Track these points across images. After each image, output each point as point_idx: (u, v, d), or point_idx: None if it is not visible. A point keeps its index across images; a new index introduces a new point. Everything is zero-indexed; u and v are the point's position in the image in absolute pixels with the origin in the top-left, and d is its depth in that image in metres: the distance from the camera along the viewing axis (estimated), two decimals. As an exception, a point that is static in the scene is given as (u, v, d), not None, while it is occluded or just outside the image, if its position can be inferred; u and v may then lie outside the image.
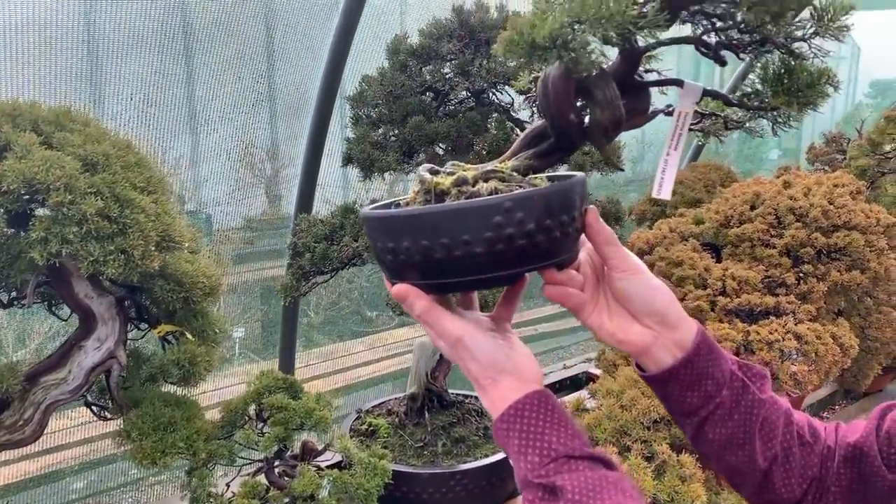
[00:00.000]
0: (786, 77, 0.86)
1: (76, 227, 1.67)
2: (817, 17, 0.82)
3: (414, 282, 0.91)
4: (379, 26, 3.43)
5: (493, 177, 0.93)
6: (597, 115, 0.91)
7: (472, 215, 0.83)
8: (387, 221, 0.89)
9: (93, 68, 2.57)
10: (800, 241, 2.75)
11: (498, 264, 0.86)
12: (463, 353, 0.93)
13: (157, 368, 2.10)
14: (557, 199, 0.87)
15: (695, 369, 0.99)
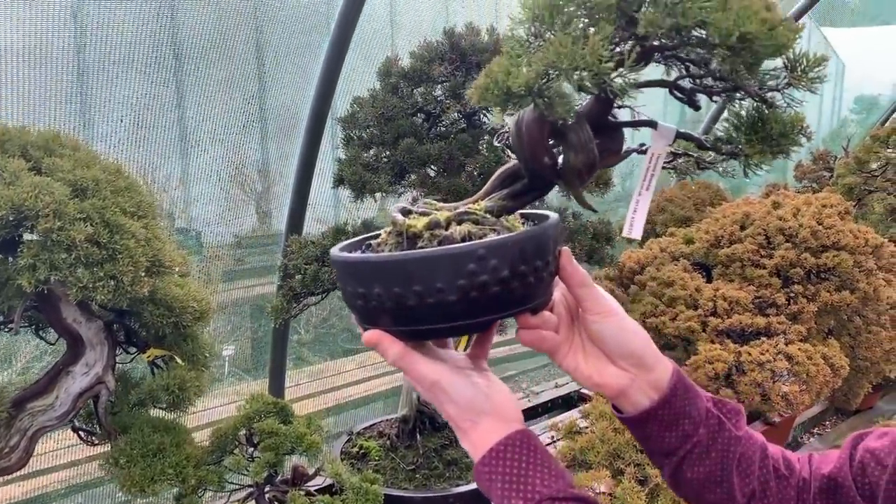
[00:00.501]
0: (759, 125, 0.86)
1: (65, 253, 1.66)
2: (791, 67, 0.82)
3: (386, 328, 0.89)
4: (369, 48, 3.45)
5: (467, 219, 0.91)
6: (571, 158, 0.91)
7: (445, 263, 0.82)
8: (357, 266, 0.87)
9: (82, 91, 2.56)
10: (789, 262, 2.77)
11: (472, 312, 0.85)
12: (441, 396, 0.91)
13: (147, 394, 2.07)
14: (532, 244, 0.86)
15: (672, 409, 0.98)
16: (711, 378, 2.48)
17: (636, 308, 2.80)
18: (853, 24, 12.70)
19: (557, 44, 0.78)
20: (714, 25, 0.75)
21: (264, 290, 4.36)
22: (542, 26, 0.84)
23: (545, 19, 0.83)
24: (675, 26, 0.77)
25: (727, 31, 0.74)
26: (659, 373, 0.98)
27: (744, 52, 0.76)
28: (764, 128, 0.87)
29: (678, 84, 0.92)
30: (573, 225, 2.67)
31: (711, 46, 0.78)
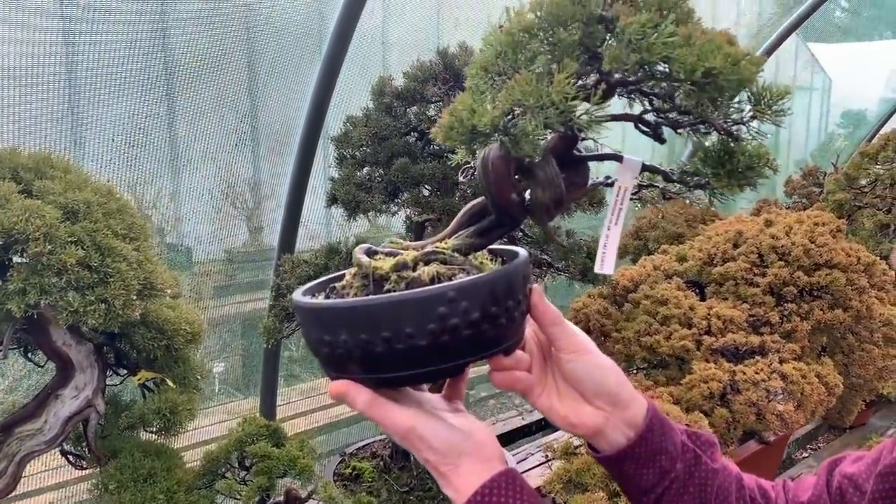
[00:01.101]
0: (726, 158, 0.86)
1: (56, 277, 1.64)
2: (755, 100, 0.82)
3: (354, 376, 0.85)
4: (361, 65, 3.45)
5: (434, 259, 0.88)
6: (538, 194, 0.90)
7: (413, 307, 0.79)
8: (321, 313, 0.83)
9: (73, 111, 2.55)
10: (783, 280, 2.77)
11: (443, 356, 0.82)
12: (417, 443, 0.86)
13: (137, 417, 2.05)
14: (502, 284, 0.84)
15: (649, 446, 0.96)
16: (706, 397, 2.48)
17: (630, 326, 2.80)
18: (840, 40, 12.84)
19: (523, 81, 0.77)
20: (678, 61, 0.75)
21: (255, 305, 4.32)
22: (504, 63, 0.83)
23: (508, 55, 0.82)
24: (640, 62, 0.78)
25: (691, 66, 0.75)
26: (634, 410, 0.97)
27: (708, 87, 0.77)
28: (731, 161, 0.87)
29: (643, 118, 0.92)
30: (567, 244, 2.67)
31: (676, 81, 0.79)
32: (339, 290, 0.91)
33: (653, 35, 0.74)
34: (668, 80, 0.79)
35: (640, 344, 2.73)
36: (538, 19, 0.79)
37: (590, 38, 0.79)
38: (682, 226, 4.20)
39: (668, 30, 0.74)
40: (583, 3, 0.78)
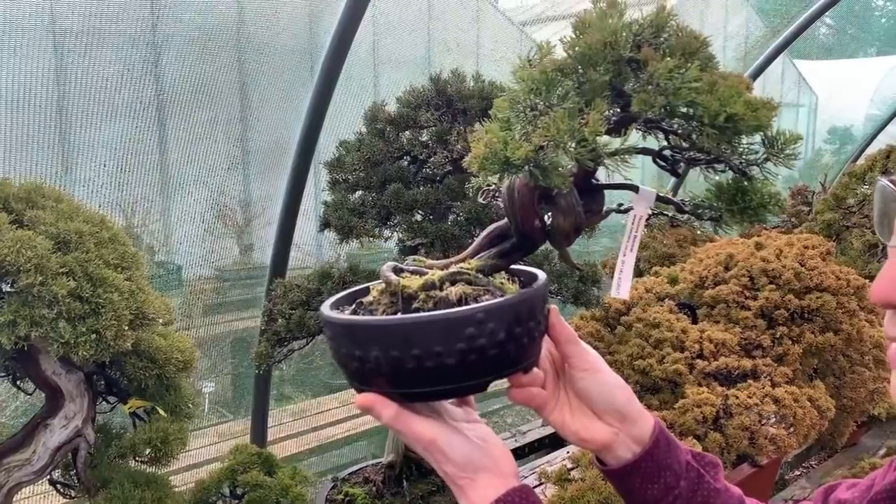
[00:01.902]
0: (739, 196, 0.91)
1: (47, 308, 1.63)
2: (769, 144, 0.87)
3: (380, 390, 0.88)
4: (351, 91, 3.46)
5: (460, 279, 0.92)
6: (559, 221, 0.94)
7: (445, 327, 0.82)
8: (354, 329, 0.86)
9: (64, 136, 2.54)
10: (774, 303, 2.79)
11: (469, 374, 0.85)
12: (437, 455, 0.90)
13: (128, 447, 2.02)
14: (526, 306, 0.88)
15: (655, 462, 1.00)
16: (700, 422, 2.48)
17: (623, 350, 2.80)
18: (826, 58, 13.01)
19: (558, 119, 0.80)
20: (702, 106, 0.80)
21: (246, 324, 4.30)
22: (537, 99, 0.86)
23: (542, 92, 0.86)
24: (667, 105, 0.81)
25: (715, 111, 0.79)
26: (642, 426, 1.00)
27: (728, 131, 0.81)
28: (744, 198, 0.91)
29: (661, 153, 0.97)
30: (560, 268, 2.67)
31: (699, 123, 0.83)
32: (366, 306, 0.93)
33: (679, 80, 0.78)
34: (691, 120, 0.83)
35: (633, 367, 2.73)
36: (571, 59, 0.83)
37: (618, 79, 0.83)
38: (673, 246, 4.23)
39: (693, 75, 0.78)
40: (613, 45, 0.82)
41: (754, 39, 6.00)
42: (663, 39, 0.86)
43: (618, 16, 0.86)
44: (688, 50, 0.84)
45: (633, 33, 0.85)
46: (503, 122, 0.89)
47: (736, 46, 6.17)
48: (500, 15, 5.41)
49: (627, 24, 0.85)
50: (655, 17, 0.86)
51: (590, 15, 0.87)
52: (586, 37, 0.83)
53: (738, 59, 5.95)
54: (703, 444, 2.44)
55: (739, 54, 6.05)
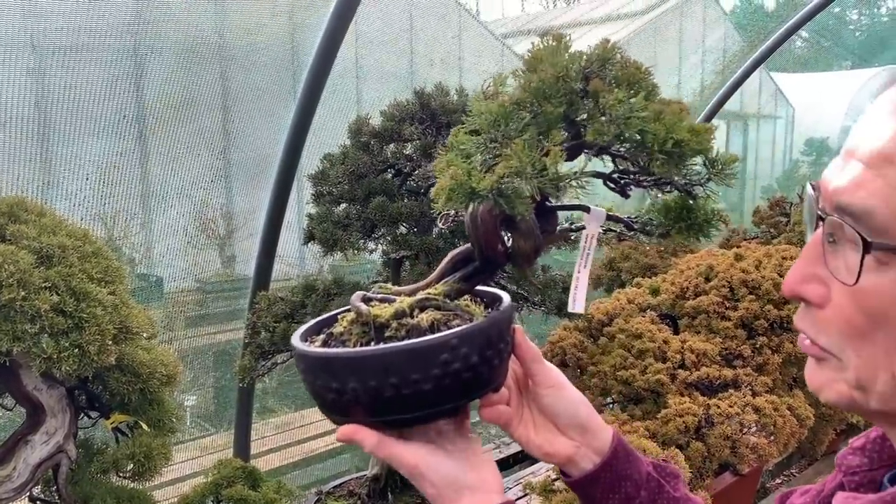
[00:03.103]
0: (685, 214, 0.98)
1: (29, 323, 1.62)
2: (710, 165, 0.94)
3: (359, 420, 0.90)
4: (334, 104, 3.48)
5: (429, 305, 0.95)
6: (521, 244, 0.98)
7: (421, 354, 0.85)
8: (330, 362, 0.88)
9: (45, 148, 2.53)
10: (753, 314, 2.83)
11: (444, 398, 0.88)
12: (421, 480, 0.92)
13: (110, 462, 2.00)
14: (496, 329, 0.91)
15: (614, 472, 1.03)
16: (682, 431, 2.50)
17: (606, 360, 2.82)
18: (801, 70, 13.23)
19: (520, 151, 0.86)
20: (651, 133, 0.87)
21: (228, 336, 4.28)
22: (497, 131, 0.92)
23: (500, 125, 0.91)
24: (619, 134, 0.89)
25: (663, 138, 0.87)
26: (601, 438, 1.04)
27: (675, 155, 0.89)
28: (689, 215, 0.99)
29: (612, 176, 1.04)
30: (543, 279, 2.69)
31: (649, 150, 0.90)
32: (337, 337, 0.95)
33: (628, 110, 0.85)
34: (640, 147, 0.90)
35: (616, 378, 2.75)
36: (527, 93, 0.89)
37: (571, 109, 0.90)
38: (655, 257, 4.27)
39: (640, 104, 0.85)
40: (565, 79, 0.89)
41: (732, 53, 6.10)
42: (609, 71, 0.93)
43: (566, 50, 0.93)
44: (632, 80, 0.91)
45: (581, 66, 0.92)
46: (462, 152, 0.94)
47: (715, 60, 6.27)
48: (481, 28, 5.47)
49: (577, 58, 0.92)
50: (602, 51, 0.92)
51: (540, 51, 0.94)
52: (540, 73, 0.89)
53: (716, 73, 6.05)
54: (686, 453, 2.46)
55: (718, 68, 6.16)
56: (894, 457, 0.82)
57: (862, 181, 0.68)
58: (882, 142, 0.68)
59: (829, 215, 0.71)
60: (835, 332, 0.72)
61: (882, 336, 0.68)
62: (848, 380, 0.72)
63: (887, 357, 0.69)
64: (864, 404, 0.72)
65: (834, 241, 0.71)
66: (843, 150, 0.73)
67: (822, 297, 0.73)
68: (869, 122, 0.71)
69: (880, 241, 0.66)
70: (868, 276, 0.67)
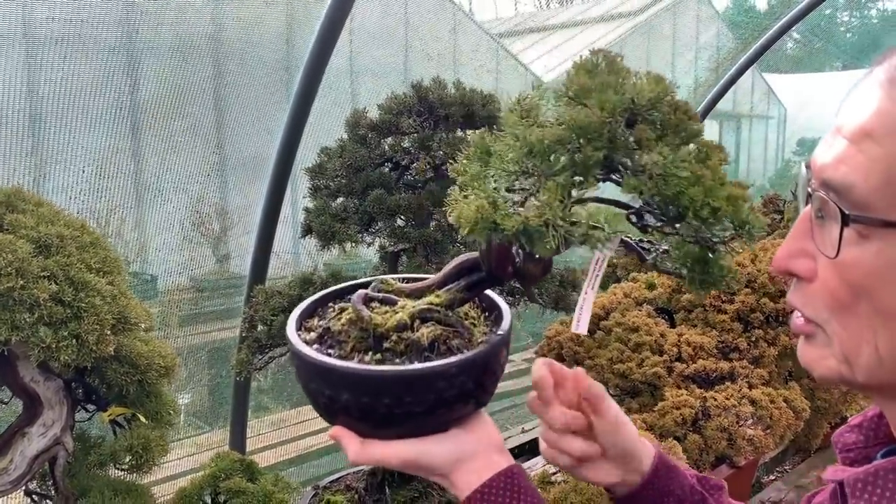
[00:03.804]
0: (700, 266, 0.96)
1: (27, 312, 1.61)
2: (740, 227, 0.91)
3: (348, 424, 0.91)
4: (329, 99, 3.47)
5: (430, 317, 0.94)
6: (530, 267, 0.97)
7: (418, 381, 0.85)
8: (327, 370, 0.88)
9: (38, 142, 2.51)
10: (749, 307, 2.84)
11: (434, 419, 0.89)
12: (421, 470, 0.91)
13: (108, 455, 1.99)
14: (494, 356, 0.92)
15: (656, 489, 1.03)
16: (679, 423, 2.51)
17: (603, 354, 2.83)
18: (793, 71, 13.29)
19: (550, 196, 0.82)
20: (689, 197, 0.84)
21: (223, 335, 4.26)
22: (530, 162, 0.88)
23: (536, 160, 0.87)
24: (657, 193, 0.85)
25: (700, 204, 0.84)
26: (642, 459, 1.04)
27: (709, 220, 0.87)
28: (704, 269, 0.97)
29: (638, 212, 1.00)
30: (540, 273, 2.69)
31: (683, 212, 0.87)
32: (334, 335, 0.94)
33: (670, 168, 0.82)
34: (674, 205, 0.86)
35: (613, 371, 2.76)
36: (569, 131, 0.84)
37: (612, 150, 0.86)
38: (650, 253, 4.27)
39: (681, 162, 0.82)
40: (612, 123, 0.84)
41: (726, 51, 6.13)
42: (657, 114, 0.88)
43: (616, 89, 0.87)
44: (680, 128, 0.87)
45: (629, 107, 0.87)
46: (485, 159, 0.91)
47: (709, 57, 6.29)
48: (475, 27, 5.48)
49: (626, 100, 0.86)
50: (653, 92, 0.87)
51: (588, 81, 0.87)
52: (586, 113, 0.84)
53: (710, 70, 6.07)
54: (683, 445, 2.47)
55: (712, 65, 6.18)
56: (890, 435, 0.82)
57: (844, 156, 0.69)
58: (864, 117, 0.69)
59: (816, 191, 0.73)
60: (821, 304, 0.74)
61: (864, 308, 0.69)
62: (835, 354, 0.73)
63: (869, 329, 0.70)
64: (851, 378, 0.73)
65: (822, 217, 0.73)
66: (833, 127, 0.75)
67: (809, 272, 0.75)
68: (854, 99, 0.72)
69: (859, 215, 0.67)
70: (849, 250, 0.69)
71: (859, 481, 0.72)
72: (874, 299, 0.68)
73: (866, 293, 0.69)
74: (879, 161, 0.66)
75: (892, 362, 0.69)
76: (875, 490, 0.70)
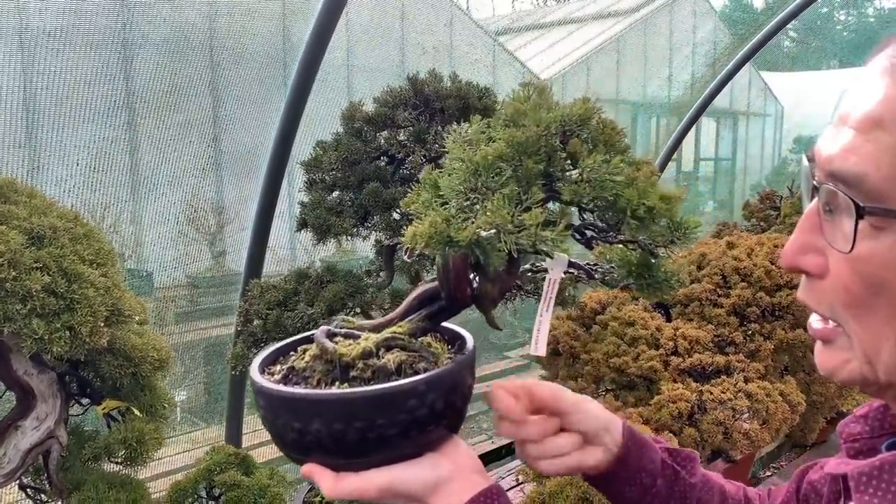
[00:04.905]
0: (646, 271, 1.01)
1: (20, 303, 1.60)
2: (675, 228, 0.97)
3: (319, 461, 0.88)
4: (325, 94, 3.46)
5: (395, 345, 0.95)
6: (487, 287, 1.00)
7: (389, 399, 0.84)
8: (295, 402, 0.86)
9: (32, 135, 2.50)
10: (746, 301, 2.84)
11: (407, 443, 0.87)
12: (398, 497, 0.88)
13: (102, 448, 1.99)
14: (461, 374, 0.92)
15: (628, 466, 1.04)
16: (675, 417, 2.51)
17: (599, 348, 2.83)
18: (789, 69, 13.31)
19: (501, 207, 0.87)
20: (625, 198, 0.90)
21: (219, 332, 4.26)
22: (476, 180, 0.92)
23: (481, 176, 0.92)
24: (595, 196, 0.91)
25: (636, 203, 0.90)
26: (614, 434, 1.05)
27: (645, 219, 0.93)
28: (650, 273, 1.02)
29: (580, 230, 1.07)
30: (539, 267, 2.69)
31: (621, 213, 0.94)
32: (299, 372, 0.93)
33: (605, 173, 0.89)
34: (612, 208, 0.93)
35: (609, 365, 2.76)
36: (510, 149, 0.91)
37: (550, 165, 0.93)
38: (646, 248, 4.28)
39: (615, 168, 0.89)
40: (547, 137, 0.92)
41: (723, 46, 6.13)
42: (587, 131, 0.96)
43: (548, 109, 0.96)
44: (609, 141, 0.95)
45: (562, 124, 0.95)
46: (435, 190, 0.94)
47: (706, 52, 6.30)
48: (472, 24, 5.47)
49: (556, 117, 0.94)
50: (582, 110, 0.95)
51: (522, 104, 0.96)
52: (523, 130, 0.92)
53: (707, 66, 6.07)
54: (679, 439, 2.47)
55: (709, 60, 6.19)
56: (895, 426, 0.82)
57: (853, 147, 0.67)
58: (871, 105, 0.67)
59: (824, 184, 0.70)
60: (836, 301, 0.71)
61: (883, 303, 0.67)
62: (857, 356, 0.71)
63: (888, 325, 0.67)
64: (873, 379, 0.71)
65: (830, 211, 0.70)
66: (836, 117, 0.72)
67: (820, 268, 0.72)
68: (859, 87, 0.70)
69: (874, 206, 0.65)
70: (864, 243, 0.66)
71: (864, 475, 0.71)
72: (892, 292, 0.66)
73: (884, 287, 0.66)
74: (890, 149, 0.64)
75: None
76: (880, 484, 0.69)
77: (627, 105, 8.18)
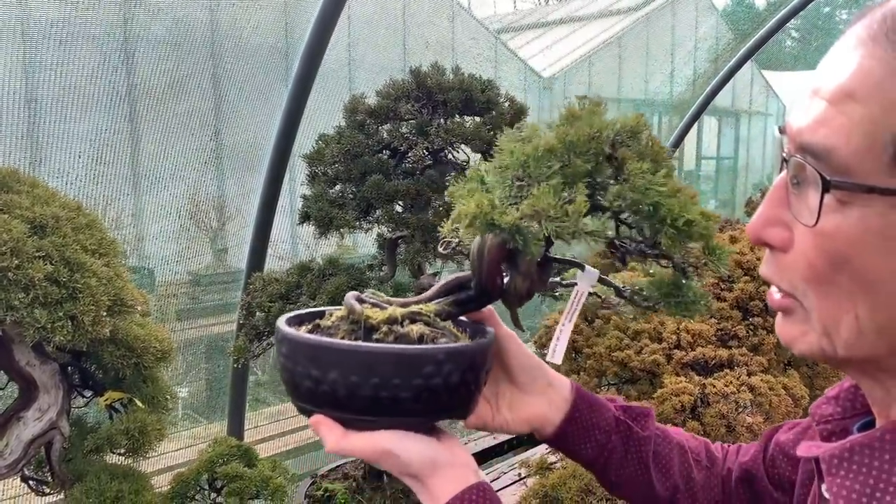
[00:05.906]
0: (676, 291, 1.01)
1: (22, 292, 1.60)
2: (709, 251, 0.97)
3: (328, 413, 0.88)
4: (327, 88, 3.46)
5: (420, 319, 0.96)
6: (517, 282, 0.99)
7: (408, 360, 0.85)
8: (317, 349, 0.86)
9: (35, 127, 2.50)
10: (749, 295, 2.84)
11: (417, 411, 0.87)
12: (395, 463, 0.88)
13: (104, 439, 1.98)
14: (480, 356, 0.92)
15: (580, 424, 1.06)
16: (678, 411, 2.50)
17: (602, 342, 2.82)
18: (791, 68, 13.31)
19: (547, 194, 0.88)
20: (667, 207, 0.90)
21: (220, 329, 4.26)
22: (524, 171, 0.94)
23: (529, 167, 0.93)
24: (636, 202, 0.91)
25: (676, 214, 0.90)
26: (562, 392, 1.07)
27: (683, 234, 0.92)
28: (680, 293, 1.02)
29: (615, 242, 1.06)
30: (539, 260, 2.68)
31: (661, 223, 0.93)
32: (324, 329, 0.94)
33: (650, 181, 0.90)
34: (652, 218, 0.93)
35: (612, 359, 2.76)
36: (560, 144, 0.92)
37: (596, 170, 0.94)
38: (648, 244, 4.28)
39: (661, 180, 0.90)
40: (597, 140, 0.93)
41: (725, 43, 6.13)
42: (637, 144, 0.96)
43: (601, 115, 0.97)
44: (656, 157, 0.95)
45: (613, 133, 0.95)
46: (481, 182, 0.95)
47: (708, 48, 6.28)
48: (474, 21, 5.47)
49: (610, 124, 0.95)
50: (634, 123, 0.95)
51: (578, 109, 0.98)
52: (576, 128, 0.92)
53: (710, 62, 6.07)
54: (682, 432, 2.46)
55: (711, 56, 6.18)
56: (867, 406, 0.80)
57: (824, 119, 0.65)
58: (843, 77, 0.65)
59: (793, 156, 0.68)
60: (797, 276, 0.70)
61: (845, 279, 0.66)
62: (815, 328, 0.70)
63: (850, 300, 0.66)
64: (831, 353, 0.70)
65: (798, 184, 0.69)
66: (810, 90, 0.70)
67: (784, 241, 0.71)
68: (832, 58, 0.68)
69: (840, 180, 0.63)
70: (829, 217, 0.65)
71: (835, 458, 0.70)
72: (855, 268, 0.65)
73: (847, 262, 0.65)
74: (861, 122, 0.62)
75: (873, 333, 0.66)
76: (851, 466, 0.69)
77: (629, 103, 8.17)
